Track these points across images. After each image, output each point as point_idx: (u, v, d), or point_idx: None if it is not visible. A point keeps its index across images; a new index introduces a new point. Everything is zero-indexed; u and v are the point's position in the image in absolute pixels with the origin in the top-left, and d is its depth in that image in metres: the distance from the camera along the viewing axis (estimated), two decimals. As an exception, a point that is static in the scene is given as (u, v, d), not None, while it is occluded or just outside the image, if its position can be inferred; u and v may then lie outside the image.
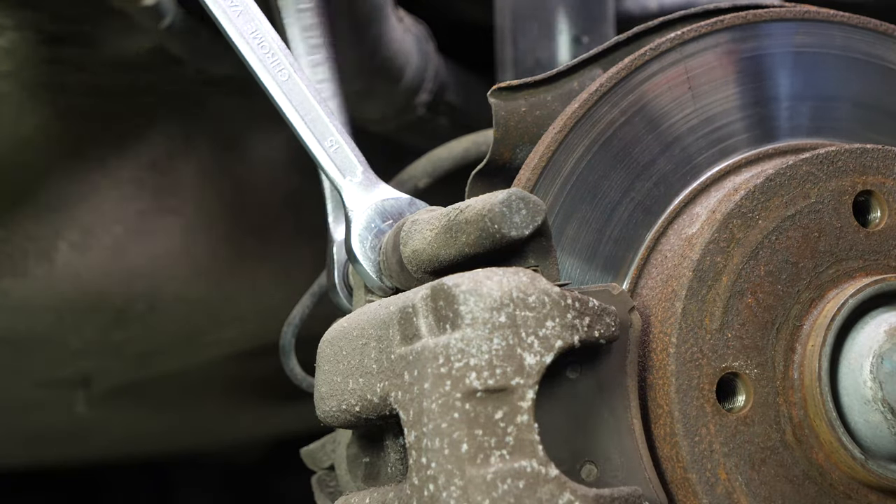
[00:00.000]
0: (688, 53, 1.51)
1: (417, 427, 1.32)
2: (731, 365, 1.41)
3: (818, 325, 1.43)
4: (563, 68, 1.57)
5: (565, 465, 1.36)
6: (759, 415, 1.41)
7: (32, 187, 2.11)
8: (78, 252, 2.15)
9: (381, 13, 2.04)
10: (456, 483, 1.29)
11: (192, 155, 2.19)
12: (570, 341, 1.33)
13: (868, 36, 1.56)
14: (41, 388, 2.60)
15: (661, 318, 1.42)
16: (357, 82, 2.08)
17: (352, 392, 1.40)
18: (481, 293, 1.31)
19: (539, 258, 1.38)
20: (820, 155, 1.46)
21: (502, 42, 2.05)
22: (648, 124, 1.50)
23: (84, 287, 2.17)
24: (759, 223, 1.43)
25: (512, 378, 1.30)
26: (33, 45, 2.02)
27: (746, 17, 1.53)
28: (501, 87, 1.55)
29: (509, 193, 1.35)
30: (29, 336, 2.23)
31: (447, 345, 1.31)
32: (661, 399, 1.40)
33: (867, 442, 1.43)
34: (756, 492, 1.41)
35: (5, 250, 2.12)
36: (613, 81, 1.50)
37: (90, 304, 2.19)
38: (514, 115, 1.55)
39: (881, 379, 1.42)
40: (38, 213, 2.12)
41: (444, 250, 1.40)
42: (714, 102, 1.52)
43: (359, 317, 1.43)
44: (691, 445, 1.39)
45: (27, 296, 2.15)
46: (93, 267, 2.16)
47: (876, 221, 1.48)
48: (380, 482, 1.45)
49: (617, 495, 1.34)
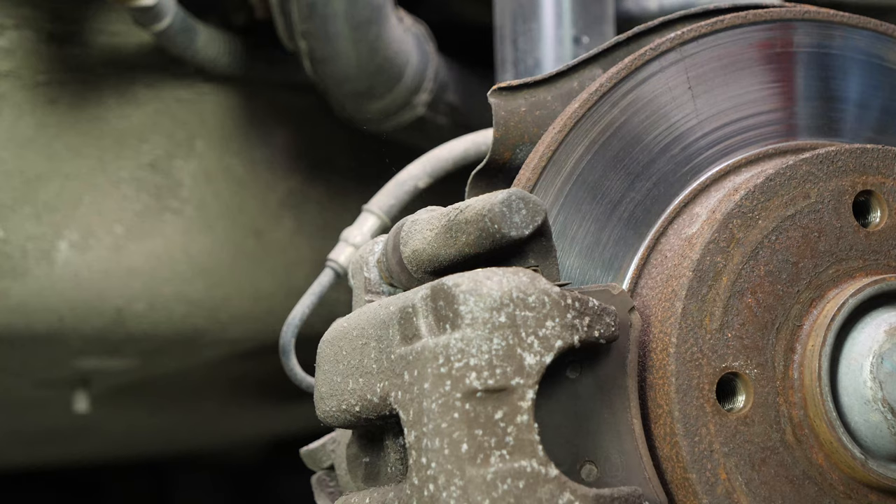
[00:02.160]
0: (688, 53, 1.51)
1: (417, 427, 1.32)
2: (731, 365, 1.41)
3: (818, 325, 1.43)
4: (563, 68, 1.57)
5: (565, 465, 1.36)
6: (759, 415, 1.41)
7: (32, 187, 2.11)
8: (78, 252, 2.15)
9: (380, 13, 2.04)
10: (456, 483, 1.29)
11: (192, 155, 2.19)
12: (570, 341, 1.33)
13: (868, 36, 1.56)
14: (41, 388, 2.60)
15: (661, 318, 1.42)
16: (357, 82, 2.08)
17: (352, 392, 1.40)
18: (481, 293, 1.31)
19: (539, 258, 1.38)
20: (820, 155, 1.46)
21: (502, 42, 2.05)
22: (648, 124, 1.50)
23: (84, 287, 2.17)
24: (759, 223, 1.43)
25: (512, 378, 1.30)
26: (33, 44, 2.02)
27: (746, 16, 1.53)
28: (501, 87, 1.55)
29: (509, 193, 1.35)
30: (29, 336, 2.23)
31: (447, 345, 1.31)
32: (660, 399, 1.40)
33: (867, 442, 1.43)
34: (756, 492, 1.41)
35: (5, 250, 2.12)
36: (613, 81, 1.50)
37: (90, 304, 2.19)
38: (514, 115, 1.55)
39: (881, 379, 1.42)
40: (38, 213, 2.12)
41: (444, 250, 1.40)
42: (714, 102, 1.52)
43: (359, 317, 1.43)
44: (691, 445, 1.39)
45: (27, 296, 2.15)
46: (93, 267, 2.16)
47: (876, 221, 1.48)
48: (380, 482, 1.44)
49: (617, 495, 1.34)
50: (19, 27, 1.99)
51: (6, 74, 2.02)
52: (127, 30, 2.07)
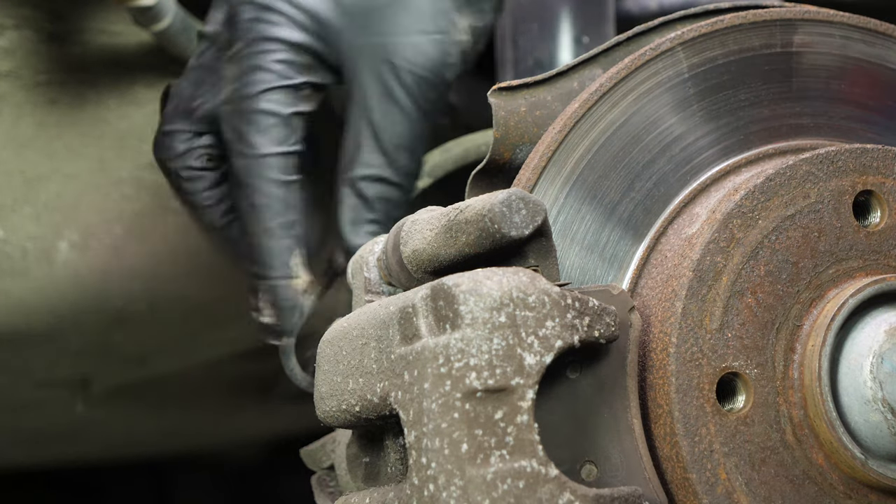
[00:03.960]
0: (688, 53, 1.51)
1: (417, 427, 1.32)
2: (731, 365, 1.41)
3: (818, 325, 1.43)
4: (563, 68, 1.57)
5: (565, 465, 1.36)
6: (759, 415, 1.41)
7: (32, 187, 2.11)
8: (78, 252, 2.15)
9: (381, 13, 2.04)
10: (456, 483, 1.29)
11: (191, 155, 2.19)
12: (570, 341, 1.33)
13: (868, 36, 1.56)
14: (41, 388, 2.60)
15: (661, 318, 1.42)
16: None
17: (352, 392, 1.40)
18: (481, 293, 1.31)
19: (539, 258, 1.38)
20: (820, 155, 1.46)
21: (502, 42, 2.05)
22: (648, 124, 1.50)
23: (84, 287, 2.17)
24: (759, 223, 1.43)
25: (512, 378, 1.30)
26: (33, 44, 2.02)
27: (746, 16, 1.53)
28: (501, 87, 1.55)
29: (509, 193, 1.35)
30: (29, 336, 2.23)
31: (447, 345, 1.31)
32: (660, 399, 1.40)
33: (867, 442, 1.43)
34: (756, 492, 1.41)
35: (5, 250, 2.12)
36: (613, 81, 1.50)
37: (90, 304, 2.19)
38: (514, 115, 1.55)
39: (881, 379, 1.42)
40: (37, 213, 2.12)
41: (444, 250, 1.40)
42: (714, 102, 1.52)
43: (359, 317, 1.43)
44: (691, 445, 1.39)
45: (27, 296, 2.15)
46: (93, 267, 2.16)
47: (876, 221, 1.48)
48: (380, 482, 1.44)
49: (617, 495, 1.34)
50: (19, 27, 1.99)
51: (6, 74, 2.02)
52: (127, 30, 2.07)
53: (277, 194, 1.72)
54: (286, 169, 1.73)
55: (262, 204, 1.72)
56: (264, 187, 1.72)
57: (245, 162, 1.72)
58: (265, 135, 1.72)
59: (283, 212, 1.73)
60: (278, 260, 1.72)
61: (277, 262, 1.72)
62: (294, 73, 1.74)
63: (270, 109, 1.72)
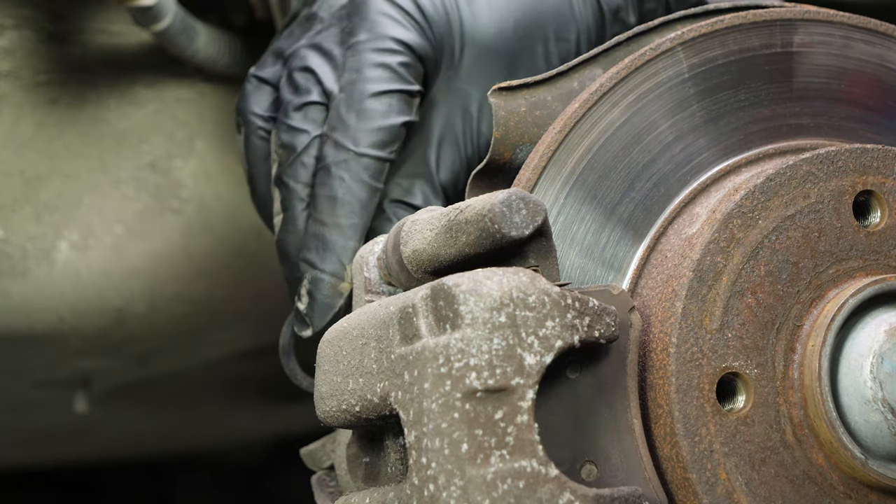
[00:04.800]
0: (688, 53, 1.51)
1: (417, 427, 1.32)
2: (731, 365, 1.41)
3: (818, 325, 1.43)
4: (563, 68, 1.57)
5: (565, 465, 1.36)
6: (759, 415, 1.41)
7: (32, 187, 2.11)
8: (78, 252, 2.15)
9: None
10: (456, 483, 1.29)
11: (192, 155, 2.19)
12: (570, 341, 1.33)
13: (868, 36, 1.56)
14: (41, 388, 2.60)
15: (661, 318, 1.42)
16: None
17: (352, 392, 1.40)
18: (481, 293, 1.31)
19: (539, 258, 1.38)
20: (820, 155, 1.46)
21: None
22: (648, 124, 1.50)
23: (84, 287, 2.17)
24: (760, 223, 1.43)
25: (512, 378, 1.30)
26: (33, 44, 2.02)
27: (747, 16, 1.53)
28: (501, 87, 1.56)
29: (509, 193, 1.35)
30: (29, 336, 2.23)
31: (447, 345, 1.31)
32: (660, 399, 1.40)
33: (867, 442, 1.43)
34: (756, 492, 1.41)
35: (5, 250, 2.12)
36: (613, 81, 1.50)
37: (90, 304, 2.19)
38: (514, 115, 1.55)
39: (881, 379, 1.42)
40: (38, 213, 2.12)
41: (444, 250, 1.40)
42: (714, 102, 1.52)
43: (359, 317, 1.43)
44: (691, 445, 1.39)
45: (27, 296, 2.15)
46: (93, 267, 2.16)
47: (876, 221, 1.48)
48: (380, 482, 1.45)
49: (617, 495, 1.34)
50: (19, 27, 1.99)
51: (6, 74, 2.02)
52: (127, 30, 2.07)
53: (360, 196, 1.70)
54: (376, 175, 1.71)
55: (343, 199, 1.70)
56: (351, 184, 1.70)
57: (340, 154, 1.70)
58: (371, 135, 1.71)
59: (359, 214, 1.70)
60: (336, 257, 1.70)
61: (334, 258, 1.70)
62: (413, 79, 1.72)
63: (383, 112, 1.70)
